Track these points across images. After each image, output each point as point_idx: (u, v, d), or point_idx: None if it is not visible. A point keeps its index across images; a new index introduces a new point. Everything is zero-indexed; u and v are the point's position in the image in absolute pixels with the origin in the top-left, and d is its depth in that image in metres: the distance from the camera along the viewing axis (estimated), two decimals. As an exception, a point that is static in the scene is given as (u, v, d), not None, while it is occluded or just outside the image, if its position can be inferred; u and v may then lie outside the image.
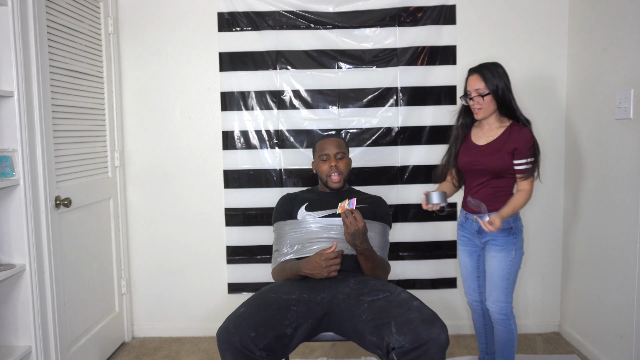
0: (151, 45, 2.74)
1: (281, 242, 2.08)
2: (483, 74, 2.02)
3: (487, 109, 2.04)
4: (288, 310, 1.72)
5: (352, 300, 1.77)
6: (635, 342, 2.11)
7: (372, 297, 1.74)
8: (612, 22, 2.27)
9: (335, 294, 1.82)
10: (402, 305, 1.68)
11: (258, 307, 1.73)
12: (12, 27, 1.88)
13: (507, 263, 2.06)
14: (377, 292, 1.78)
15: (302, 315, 1.73)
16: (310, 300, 1.79)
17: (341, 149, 2.14)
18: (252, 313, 1.70)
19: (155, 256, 2.84)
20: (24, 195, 1.93)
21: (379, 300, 1.73)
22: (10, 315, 1.97)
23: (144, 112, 2.78)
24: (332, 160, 2.11)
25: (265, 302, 1.76)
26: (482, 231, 2.09)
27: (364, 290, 1.80)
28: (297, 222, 2.07)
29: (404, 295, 1.76)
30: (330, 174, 2.10)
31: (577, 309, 2.63)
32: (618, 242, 2.23)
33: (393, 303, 1.70)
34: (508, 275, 2.06)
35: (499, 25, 2.69)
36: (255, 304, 1.75)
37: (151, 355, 2.64)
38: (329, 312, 1.79)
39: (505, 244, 2.06)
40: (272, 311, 1.71)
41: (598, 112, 2.38)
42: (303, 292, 1.82)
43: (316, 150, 2.18)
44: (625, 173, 2.17)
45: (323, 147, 2.14)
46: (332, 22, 2.70)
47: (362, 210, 2.04)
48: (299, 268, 1.91)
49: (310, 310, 1.76)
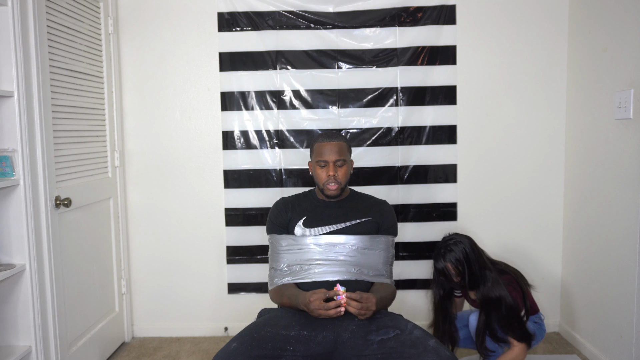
0: (151, 45, 2.75)
1: (278, 259, 1.94)
2: (455, 266, 2.00)
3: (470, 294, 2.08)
4: (284, 349, 1.59)
5: (358, 339, 1.63)
6: (635, 342, 2.11)
7: (382, 337, 1.61)
8: (612, 22, 2.27)
9: (339, 332, 1.68)
10: (416, 346, 1.55)
11: (252, 344, 1.58)
12: (12, 27, 1.88)
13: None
14: (387, 329, 1.65)
15: (301, 355, 1.60)
16: (311, 339, 1.65)
17: (342, 155, 1.90)
18: (244, 350, 1.55)
19: (155, 256, 2.84)
20: (24, 195, 1.93)
21: (389, 340, 1.59)
22: (10, 315, 1.97)
23: (144, 112, 2.78)
24: (330, 169, 1.88)
25: (260, 337, 1.62)
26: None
27: (371, 327, 1.67)
28: (294, 239, 1.92)
29: (417, 332, 1.63)
30: (328, 183, 1.90)
31: (577, 309, 2.63)
32: (618, 242, 2.23)
33: (406, 343, 1.57)
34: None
35: (499, 25, 2.69)
36: (249, 340, 1.61)
37: (151, 355, 2.64)
38: (331, 352, 1.65)
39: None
40: (267, 349, 1.57)
41: (598, 112, 2.38)
42: (303, 329, 1.68)
43: (314, 152, 1.95)
44: (625, 173, 2.17)
45: (321, 151, 1.90)
46: (332, 22, 2.71)
47: (365, 224, 1.93)
48: (298, 303, 1.77)
49: (309, 350, 1.63)
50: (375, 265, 1.91)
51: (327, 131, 1.98)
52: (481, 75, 2.72)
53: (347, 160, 1.94)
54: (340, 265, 1.86)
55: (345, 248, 1.88)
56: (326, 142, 1.91)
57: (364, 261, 1.89)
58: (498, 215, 2.78)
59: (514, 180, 2.76)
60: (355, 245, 1.89)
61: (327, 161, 1.89)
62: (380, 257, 1.93)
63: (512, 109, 2.72)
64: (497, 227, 2.78)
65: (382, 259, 1.94)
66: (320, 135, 1.97)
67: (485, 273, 1.99)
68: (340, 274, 1.85)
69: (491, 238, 2.78)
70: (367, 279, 1.90)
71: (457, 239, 2.01)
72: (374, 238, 1.93)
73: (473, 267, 1.97)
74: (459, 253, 1.97)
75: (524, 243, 2.78)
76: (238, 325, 2.64)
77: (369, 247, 1.91)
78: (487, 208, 2.77)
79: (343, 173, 1.91)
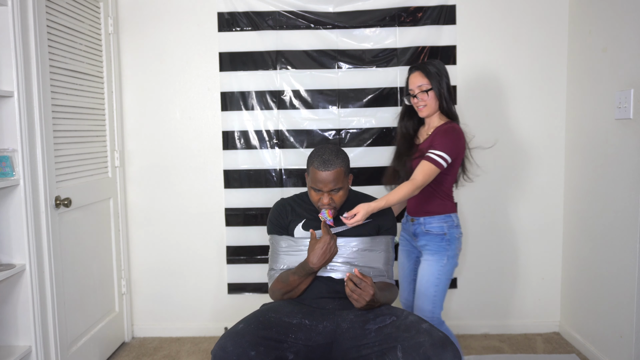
0: (151, 45, 2.75)
1: (277, 260, 1.94)
2: (425, 70, 1.99)
3: (430, 105, 2.00)
4: (287, 336, 1.63)
5: (357, 329, 1.66)
6: (635, 342, 2.11)
7: (379, 325, 1.64)
8: (612, 22, 2.27)
9: (339, 322, 1.71)
10: (409, 329, 1.57)
11: (258, 325, 1.60)
12: (12, 27, 1.88)
13: (438, 268, 2.00)
14: (384, 317, 1.67)
15: (302, 344, 1.64)
16: (312, 328, 1.68)
17: (338, 183, 1.77)
18: (251, 330, 1.57)
19: (155, 256, 2.84)
20: (24, 195, 1.93)
21: (385, 327, 1.63)
22: (10, 315, 1.97)
23: (144, 112, 2.78)
24: (325, 197, 1.79)
25: (265, 320, 1.64)
26: (417, 234, 2.08)
27: (369, 316, 1.70)
28: (294, 240, 1.91)
29: (412, 318, 1.64)
30: (322, 206, 1.82)
31: (577, 309, 2.63)
32: (618, 242, 2.23)
33: (400, 327, 1.59)
34: (437, 281, 2.01)
35: (499, 25, 2.69)
36: (255, 322, 1.62)
37: (151, 355, 2.64)
38: (331, 341, 1.68)
39: (437, 249, 2.02)
40: (272, 332, 1.60)
41: (598, 112, 2.38)
42: (305, 318, 1.71)
43: (309, 172, 1.83)
44: (625, 173, 2.17)
45: (316, 178, 1.77)
46: (332, 22, 2.71)
47: (366, 225, 1.91)
48: (303, 268, 1.77)
49: (310, 340, 1.66)
50: (376, 265, 1.91)
51: (324, 154, 1.73)
52: (481, 75, 2.72)
53: (344, 185, 1.83)
54: (340, 266, 1.86)
55: (346, 249, 1.88)
56: (321, 170, 1.76)
57: (365, 262, 1.89)
58: (498, 215, 2.78)
59: (514, 180, 2.76)
60: (355, 246, 1.89)
61: (322, 190, 1.79)
62: (381, 257, 1.92)
63: (512, 109, 2.72)
64: (497, 226, 2.78)
65: (383, 260, 1.93)
66: (317, 157, 1.79)
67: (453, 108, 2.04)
68: (341, 273, 1.85)
69: (491, 238, 2.78)
70: None
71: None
72: (374, 239, 1.92)
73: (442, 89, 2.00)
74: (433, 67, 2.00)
75: (524, 243, 2.79)
76: (238, 325, 2.64)
77: (369, 249, 1.91)
78: (486, 208, 2.77)
79: (339, 198, 1.82)
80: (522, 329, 2.81)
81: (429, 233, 2.05)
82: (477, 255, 2.80)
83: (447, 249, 2.02)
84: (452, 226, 2.04)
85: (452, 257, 2.03)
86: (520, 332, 2.81)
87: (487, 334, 2.82)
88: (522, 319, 2.82)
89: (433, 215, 2.04)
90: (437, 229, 2.03)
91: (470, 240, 2.79)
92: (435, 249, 2.03)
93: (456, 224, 2.06)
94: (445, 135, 1.96)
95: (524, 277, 2.80)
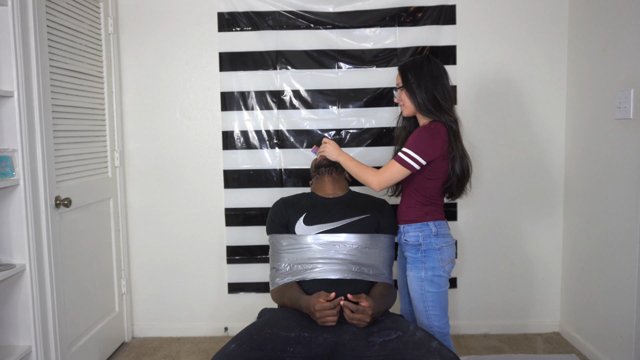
0: (151, 45, 2.75)
1: (279, 259, 1.94)
2: (401, 67, 1.90)
3: (406, 104, 1.89)
4: (284, 350, 1.58)
5: (359, 341, 1.62)
6: (635, 342, 2.11)
7: (384, 338, 1.60)
8: (612, 22, 2.27)
9: (340, 334, 1.67)
10: (419, 347, 1.54)
11: (250, 345, 1.57)
12: (12, 27, 1.88)
13: (418, 283, 1.86)
14: (389, 330, 1.64)
15: (301, 356, 1.59)
16: (311, 340, 1.64)
17: (338, 189, 2.08)
18: (243, 352, 1.54)
19: (155, 256, 2.84)
20: (24, 195, 1.93)
21: (391, 342, 1.58)
22: (10, 315, 1.97)
23: (144, 112, 2.78)
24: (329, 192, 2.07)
25: (259, 338, 1.60)
26: (401, 244, 1.96)
27: (372, 329, 1.67)
28: (294, 238, 1.91)
29: (419, 334, 1.61)
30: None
31: (577, 309, 2.63)
32: (618, 242, 2.23)
33: (408, 344, 1.56)
34: (421, 297, 1.86)
35: (499, 25, 2.69)
36: (248, 341, 1.59)
37: (151, 355, 2.64)
38: (332, 353, 1.64)
39: (413, 261, 1.89)
40: (266, 351, 1.56)
41: (598, 112, 2.38)
42: (304, 330, 1.67)
43: (314, 175, 2.12)
44: (625, 173, 2.17)
45: (319, 185, 2.08)
46: (332, 22, 2.71)
47: (365, 221, 1.93)
48: (300, 306, 1.77)
49: (310, 352, 1.61)
50: (375, 264, 1.92)
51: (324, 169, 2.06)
52: (481, 75, 2.72)
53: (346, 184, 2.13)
54: (340, 264, 1.87)
55: (346, 247, 1.89)
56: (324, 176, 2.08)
57: (364, 260, 1.90)
58: (498, 215, 2.78)
59: (514, 180, 2.76)
60: (355, 244, 1.90)
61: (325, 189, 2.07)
62: (381, 256, 1.93)
63: (512, 109, 2.72)
64: (497, 226, 2.78)
65: (382, 258, 1.94)
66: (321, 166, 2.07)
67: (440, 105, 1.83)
68: (340, 272, 1.85)
69: (491, 237, 2.78)
70: (367, 278, 1.90)
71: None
72: (374, 237, 1.93)
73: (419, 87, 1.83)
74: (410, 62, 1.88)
75: (524, 243, 2.79)
76: (238, 325, 2.65)
77: (369, 246, 1.91)
78: (487, 207, 2.78)
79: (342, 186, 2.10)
80: (522, 329, 2.81)
81: (407, 243, 1.92)
82: (477, 255, 2.80)
83: (423, 261, 1.86)
84: (429, 235, 1.86)
85: (434, 268, 1.85)
86: (520, 332, 2.81)
87: (487, 334, 2.82)
88: (522, 319, 2.82)
89: (410, 224, 1.90)
90: (412, 239, 1.89)
91: (470, 240, 2.79)
92: (411, 261, 1.89)
93: (435, 233, 1.86)
94: (417, 135, 1.83)
95: (523, 277, 2.80)
